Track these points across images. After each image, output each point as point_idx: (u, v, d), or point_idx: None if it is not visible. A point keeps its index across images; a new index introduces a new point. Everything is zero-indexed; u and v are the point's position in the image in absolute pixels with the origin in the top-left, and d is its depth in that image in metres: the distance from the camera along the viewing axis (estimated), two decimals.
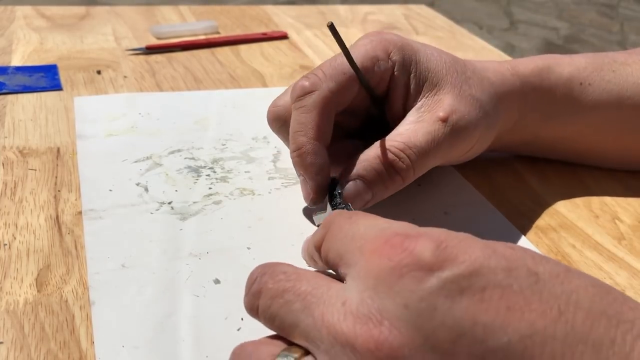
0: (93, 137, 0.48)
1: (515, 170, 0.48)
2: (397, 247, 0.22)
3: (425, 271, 0.21)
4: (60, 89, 0.56)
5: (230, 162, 0.46)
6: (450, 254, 0.22)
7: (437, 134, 0.38)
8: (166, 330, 0.31)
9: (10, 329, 0.30)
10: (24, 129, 0.49)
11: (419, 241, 0.22)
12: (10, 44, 0.65)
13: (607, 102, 0.44)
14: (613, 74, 0.45)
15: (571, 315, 0.21)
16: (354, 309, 0.22)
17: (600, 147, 0.47)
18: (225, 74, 0.63)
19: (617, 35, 2.49)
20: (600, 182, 0.47)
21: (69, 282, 0.34)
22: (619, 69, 0.45)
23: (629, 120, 0.45)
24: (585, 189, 0.46)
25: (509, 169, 0.48)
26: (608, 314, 0.21)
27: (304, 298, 0.24)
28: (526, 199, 0.45)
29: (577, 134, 0.45)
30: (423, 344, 0.21)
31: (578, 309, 0.21)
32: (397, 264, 0.22)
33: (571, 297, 0.21)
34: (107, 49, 0.66)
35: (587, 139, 0.46)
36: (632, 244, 0.40)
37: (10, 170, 0.43)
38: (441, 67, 0.40)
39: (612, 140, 0.46)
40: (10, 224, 0.38)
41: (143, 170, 0.44)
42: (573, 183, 0.47)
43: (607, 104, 0.44)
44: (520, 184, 0.46)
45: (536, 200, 0.45)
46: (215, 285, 0.34)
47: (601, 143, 0.46)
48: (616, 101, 0.44)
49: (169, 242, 0.37)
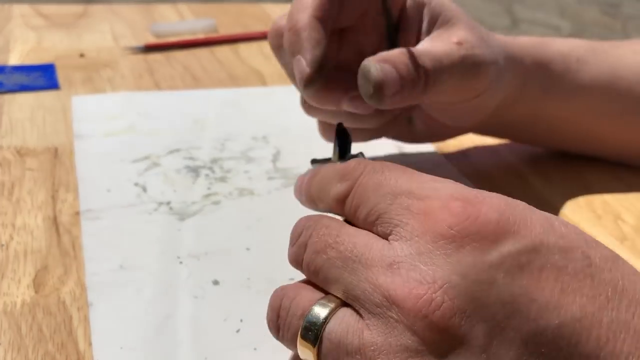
0: (91, 137, 0.47)
1: (518, 170, 0.48)
2: (458, 214, 0.22)
3: (487, 243, 0.21)
4: (58, 88, 0.56)
5: (229, 162, 0.46)
6: (512, 226, 0.21)
7: (452, 52, 0.36)
8: (165, 332, 0.30)
9: (8, 330, 0.30)
10: (22, 129, 0.49)
11: (482, 209, 0.22)
12: (8, 43, 0.65)
13: (602, 81, 0.44)
14: (605, 55, 0.45)
15: (617, 302, 0.21)
16: (404, 273, 0.22)
17: (598, 132, 0.46)
18: (224, 73, 0.62)
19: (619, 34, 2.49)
20: (603, 182, 0.47)
21: (67, 283, 0.33)
22: (610, 50, 0.46)
23: (624, 103, 0.45)
24: (588, 189, 0.46)
25: (511, 169, 0.48)
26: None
27: (346, 257, 0.23)
28: (529, 200, 0.44)
29: (574, 115, 0.45)
30: (475, 314, 0.21)
31: (624, 296, 0.21)
32: (458, 234, 0.21)
33: (618, 284, 0.21)
34: (106, 47, 0.66)
35: (584, 122, 0.45)
36: (634, 244, 0.40)
37: (7, 170, 0.43)
38: (454, 7, 0.39)
39: (609, 124, 0.46)
40: (7, 224, 0.38)
41: (141, 170, 0.44)
42: (576, 183, 0.47)
43: (602, 84, 0.44)
44: (523, 185, 0.46)
45: (539, 200, 0.44)
46: (214, 286, 0.34)
47: (599, 127, 0.46)
48: (611, 81, 0.44)
49: (168, 242, 0.37)
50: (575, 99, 0.44)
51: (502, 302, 0.20)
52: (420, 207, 0.23)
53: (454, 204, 0.22)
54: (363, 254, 0.23)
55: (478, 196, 0.23)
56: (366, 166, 0.26)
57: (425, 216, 0.22)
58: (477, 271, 0.21)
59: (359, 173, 0.26)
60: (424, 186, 0.24)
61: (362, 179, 0.25)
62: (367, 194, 0.25)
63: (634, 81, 0.45)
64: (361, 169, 0.26)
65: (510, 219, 0.22)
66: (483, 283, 0.21)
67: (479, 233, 0.21)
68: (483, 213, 0.22)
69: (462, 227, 0.21)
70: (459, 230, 0.21)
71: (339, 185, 0.26)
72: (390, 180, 0.24)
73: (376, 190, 0.24)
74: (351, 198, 0.25)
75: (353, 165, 0.26)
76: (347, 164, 0.27)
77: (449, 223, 0.22)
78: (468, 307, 0.21)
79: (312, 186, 0.29)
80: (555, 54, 0.44)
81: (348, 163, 0.27)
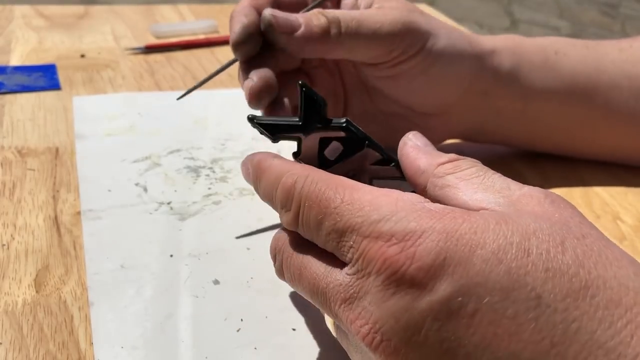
0: (92, 137, 0.48)
1: (515, 167, 0.48)
2: (394, 262, 0.22)
3: (419, 289, 0.21)
4: (59, 89, 0.56)
5: (230, 162, 0.46)
6: (447, 268, 0.21)
7: (367, 12, 0.40)
8: (166, 331, 0.31)
9: (9, 329, 0.30)
10: (23, 129, 0.49)
11: (417, 252, 0.21)
12: (9, 44, 0.65)
13: (584, 73, 0.44)
14: (587, 50, 0.45)
15: (564, 347, 0.20)
16: (355, 310, 0.23)
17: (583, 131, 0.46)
18: (224, 73, 0.62)
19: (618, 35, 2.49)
20: (602, 182, 0.47)
21: (68, 283, 0.33)
22: (593, 46, 0.46)
23: (607, 99, 0.45)
24: (586, 189, 0.46)
25: (509, 168, 0.48)
26: (607, 347, 0.19)
27: (312, 291, 0.25)
28: None
29: (561, 108, 0.45)
30: (409, 355, 0.21)
31: (575, 340, 0.20)
32: (395, 281, 0.22)
33: (570, 327, 0.20)
34: (106, 48, 0.66)
35: (568, 118, 0.45)
36: (633, 244, 0.40)
37: (8, 170, 0.43)
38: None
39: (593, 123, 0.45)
40: (8, 224, 0.38)
41: (142, 170, 0.44)
42: (574, 182, 0.47)
43: (585, 76, 0.44)
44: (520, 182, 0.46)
45: None
46: (214, 285, 0.34)
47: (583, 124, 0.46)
48: (594, 73, 0.44)
49: (168, 242, 0.37)
50: (559, 89, 0.44)
51: (432, 347, 0.21)
52: (363, 249, 0.23)
53: (391, 250, 0.22)
54: (323, 290, 0.24)
55: (417, 231, 0.22)
56: (303, 188, 0.25)
57: (367, 260, 0.23)
58: (408, 317, 0.21)
59: (299, 202, 0.25)
60: (364, 218, 0.23)
61: (304, 211, 0.25)
62: (312, 232, 0.25)
63: (618, 76, 0.44)
64: (299, 197, 0.25)
65: (446, 259, 0.21)
66: (414, 328, 0.21)
67: (413, 280, 0.21)
68: (417, 257, 0.21)
69: (398, 276, 0.21)
70: (396, 278, 0.22)
71: (284, 213, 0.26)
72: (331, 212, 0.24)
73: (319, 227, 0.24)
74: (301, 230, 0.26)
75: (288, 186, 0.26)
76: (283, 182, 0.26)
77: (387, 269, 0.22)
78: (403, 348, 0.21)
79: (259, 190, 0.29)
80: (532, 47, 0.45)
81: (284, 180, 0.26)
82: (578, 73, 0.44)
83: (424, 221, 0.22)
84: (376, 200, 0.23)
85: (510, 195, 0.25)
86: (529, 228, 0.22)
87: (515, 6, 2.82)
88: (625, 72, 0.45)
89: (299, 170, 0.26)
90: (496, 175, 0.26)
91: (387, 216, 0.22)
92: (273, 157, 0.28)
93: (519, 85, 0.44)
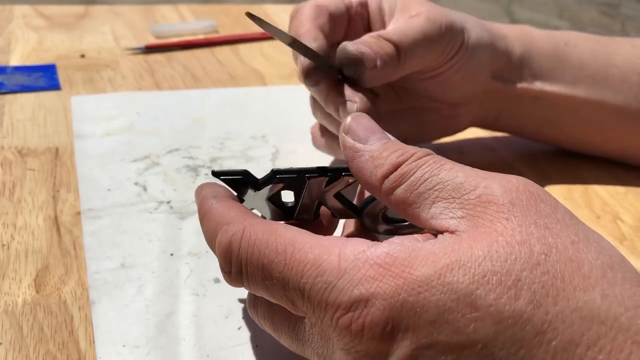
0: (91, 137, 0.48)
1: (515, 167, 0.48)
2: (346, 335, 0.22)
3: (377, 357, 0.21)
4: (59, 89, 0.56)
5: (229, 161, 0.46)
6: (397, 333, 0.21)
7: (412, 23, 0.40)
8: (167, 330, 0.31)
9: (9, 329, 0.30)
10: (23, 129, 0.49)
11: (366, 322, 0.21)
12: (9, 44, 0.65)
13: (593, 65, 0.45)
14: (598, 45, 0.46)
15: None
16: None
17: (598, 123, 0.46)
18: (224, 73, 0.63)
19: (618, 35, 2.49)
20: (602, 182, 0.47)
21: (68, 283, 0.33)
22: (604, 41, 0.46)
23: (616, 92, 0.45)
24: (586, 189, 0.46)
25: (507, 166, 0.48)
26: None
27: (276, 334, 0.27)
28: None
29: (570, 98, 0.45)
30: None
31: None
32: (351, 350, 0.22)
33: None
34: (106, 48, 0.66)
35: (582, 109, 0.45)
36: (633, 245, 0.40)
37: (8, 170, 0.43)
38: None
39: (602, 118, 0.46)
40: (8, 224, 0.38)
41: (141, 169, 0.44)
42: (574, 182, 0.47)
43: (594, 68, 0.45)
44: None
45: None
46: (215, 284, 0.34)
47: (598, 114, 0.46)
48: (603, 66, 0.45)
49: (169, 241, 0.37)
50: (568, 80, 0.45)
51: None
52: (317, 317, 0.23)
53: (342, 321, 0.22)
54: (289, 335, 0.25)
55: (362, 299, 0.21)
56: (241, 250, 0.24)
57: (325, 326, 0.23)
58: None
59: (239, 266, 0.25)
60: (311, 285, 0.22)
61: (247, 277, 0.24)
62: (262, 294, 0.25)
63: (629, 71, 0.45)
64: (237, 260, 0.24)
65: (394, 327, 0.21)
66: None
67: (368, 349, 0.21)
68: (367, 329, 0.21)
69: (354, 345, 0.22)
70: (354, 346, 0.22)
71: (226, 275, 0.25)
72: (276, 277, 0.23)
73: (269, 293, 0.24)
74: (249, 290, 0.26)
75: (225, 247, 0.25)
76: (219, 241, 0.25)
77: (343, 338, 0.22)
78: None
79: (203, 231, 0.28)
80: (541, 38, 0.45)
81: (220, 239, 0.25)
82: (587, 65, 0.45)
83: (368, 284, 0.21)
84: (319, 262, 0.22)
85: (467, 201, 0.23)
86: (479, 271, 0.20)
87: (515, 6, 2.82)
88: (636, 67, 0.45)
89: (235, 223, 0.25)
90: (444, 171, 0.24)
91: (332, 282, 0.22)
92: (213, 197, 0.27)
93: (529, 70, 0.45)
